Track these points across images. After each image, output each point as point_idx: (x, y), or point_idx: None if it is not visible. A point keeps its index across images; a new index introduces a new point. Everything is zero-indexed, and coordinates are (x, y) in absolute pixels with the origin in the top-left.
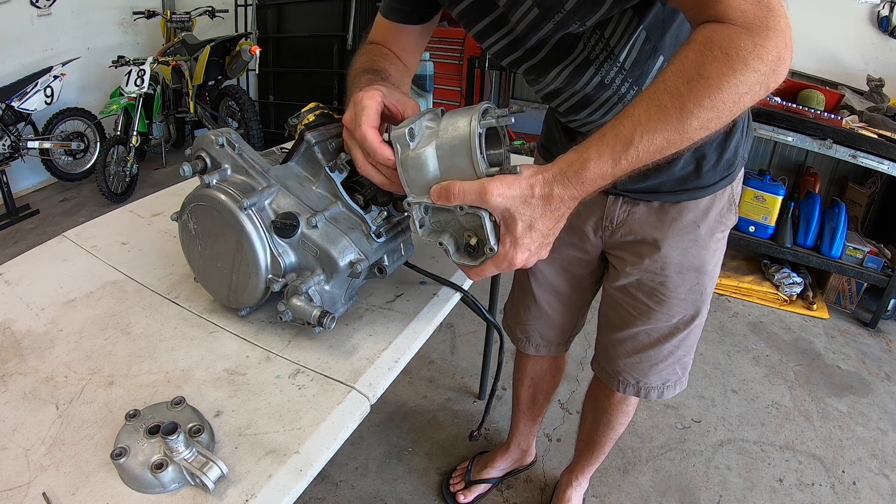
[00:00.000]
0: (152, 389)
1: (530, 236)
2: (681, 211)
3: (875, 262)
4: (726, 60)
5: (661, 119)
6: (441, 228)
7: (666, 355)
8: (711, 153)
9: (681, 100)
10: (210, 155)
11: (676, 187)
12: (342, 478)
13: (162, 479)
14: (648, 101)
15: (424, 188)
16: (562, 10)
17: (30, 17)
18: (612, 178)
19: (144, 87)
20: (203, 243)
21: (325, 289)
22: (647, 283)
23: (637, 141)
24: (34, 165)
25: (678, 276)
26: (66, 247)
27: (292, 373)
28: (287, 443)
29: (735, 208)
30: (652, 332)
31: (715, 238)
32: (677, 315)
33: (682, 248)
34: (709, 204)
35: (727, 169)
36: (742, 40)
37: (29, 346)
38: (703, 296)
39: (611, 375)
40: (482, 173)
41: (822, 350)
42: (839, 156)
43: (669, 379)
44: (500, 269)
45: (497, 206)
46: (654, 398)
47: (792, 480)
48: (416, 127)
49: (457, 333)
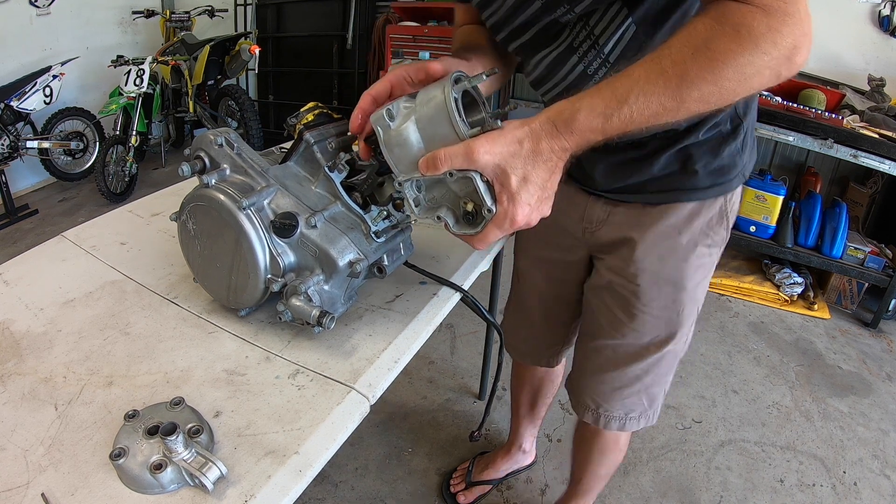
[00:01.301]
0: (151, 390)
1: (527, 190)
2: (661, 213)
3: (876, 262)
4: (736, 37)
5: (660, 83)
6: (437, 204)
7: (632, 379)
8: (701, 154)
9: (683, 67)
10: (209, 155)
11: (658, 188)
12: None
13: (161, 479)
14: (650, 64)
15: (412, 164)
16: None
17: (29, 16)
18: (603, 134)
19: (144, 87)
20: (202, 243)
21: (325, 289)
22: (619, 289)
23: (633, 101)
24: (33, 165)
25: (653, 288)
26: (65, 247)
27: (292, 373)
28: (286, 443)
29: (727, 224)
30: (619, 349)
31: (698, 252)
32: (648, 334)
33: (659, 254)
34: (694, 211)
35: (719, 176)
36: (756, 20)
37: (28, 347)
38: (679, 317)
39: (576, 398)
40: (464, 135)
41: (823, 350)
42: (840, 155)
43: (634, 409)
44: (504, 230)
45: (487, 165)
46: (614, 429)
47: (793, 481)
48: (393, 108)
49: (457, 334)
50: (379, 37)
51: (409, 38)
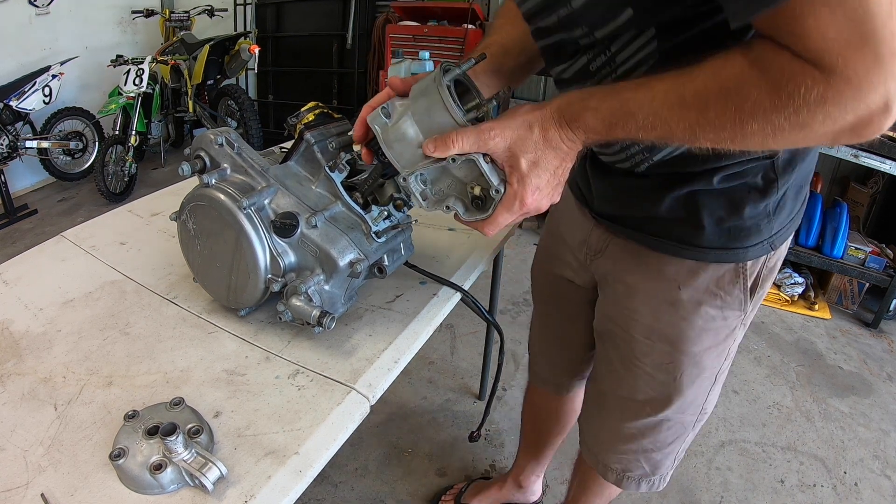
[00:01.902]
0: (151, 390)
1: (536, 173)
2: (659, 261)
3: (877, 262)
4: (774, 96)
5: (675, 111)
6: (444, 195)
7: (628, 437)
8: (714, 207)
9: (704, 103)
10: (209, 154)
11: (657, 231)
12: (342, 479)
13: (161, 480)
14: (672, 84)
15: (413, 158)
16: (568, 6)
17: (28, 15)
18: (606, 137)
19: (143, 87)
20: (202, 243)
21: (325, 289)
22: (615, 336)
23: (641, 118)
24: (32, 165)
25: (646, 342)
26: (64, 247)
27: (292, 373)
28: (286, 444)
29: (747, 288)
30: (618, 401)
31: (703, 313)
32: (642, 391)
33: (654, 307)
34: (696, 267)
35: (734, 240)
36: (808, 84)
37: (27, 347)
38: (676, 382)
39: (580, 435)
40: (462, 121)
41: (824, 350)
42: (841, 155)
43: (632, 469)
44: (513, 213)
45: (497, 147)
46: (611, 482)
47: (793, 481)
48: (388, 106)
49: (457, 334)
50: (379, 36)
51: (409, 38)
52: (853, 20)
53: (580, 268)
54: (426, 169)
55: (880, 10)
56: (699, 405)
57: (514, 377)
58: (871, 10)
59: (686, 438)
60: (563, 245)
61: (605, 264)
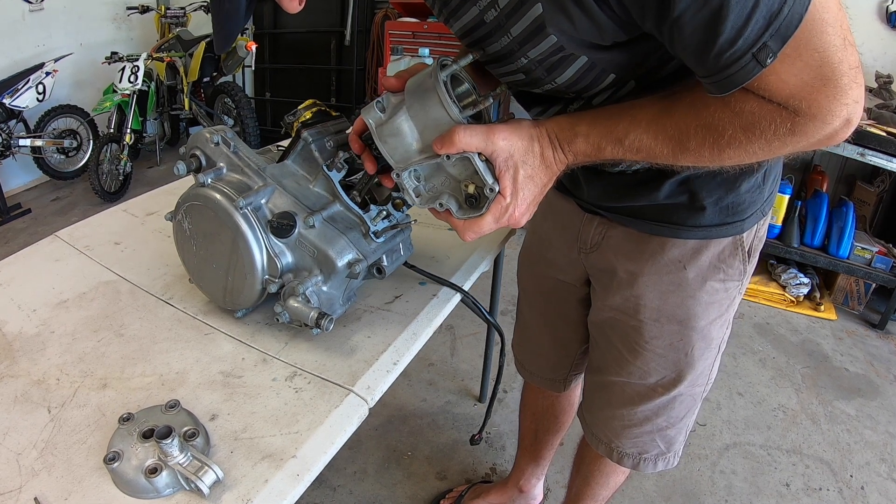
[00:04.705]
0: (146, 392)
1: (529, 187)
2: (663, 245)
3: (883, 262)
4: (749, 132)
5: (660, 138)
6: (437, 192)
7: (641, 420)
8: (712, 187)
9: (685, 134)
10: (205, 153)
11: (660, 217)
12: (340, 482)
13: (156, 483)
14: (655, 113)
15: (407, 154)
16: (552, 83)
17: (21, 12)
18: (594, 160)
19: (138, 84)
20: (198, 243)
21: (323, 290)
22: (621, 325)
23: (628, 143)
24: (26, 164)
25: (655, 325)
26: (58, 247)
27: (289, 375)
28: (284, 447)
29: (745, 257)
30: (626, 387)
31: (709, 288)
32: (654, 374)
33: (661, 290)
34: (699, 245)
35: (732, 214)
36: (777, 122)
37: (20, 348)
38: (688, 357)
39: (588, 430)
40: (457, 117)
41: (830, 352)
42: (847, 154)
43: (648, 450)
44: (499, 222)
45: (502, 150)
46: (628, 467)
47: (799, 485)
48: (383, 100)
49: (457, 335)
50: (378, 33)
51: (409, 35)
52: (811, 66)
53: (569, 265)
54: (420, 165)
55: (834, 48)
56: (707, 375)
57: (516, 379)
58: (827, 53)
59: (695, 410)
60: (548, 245)
61: (602, 256)
